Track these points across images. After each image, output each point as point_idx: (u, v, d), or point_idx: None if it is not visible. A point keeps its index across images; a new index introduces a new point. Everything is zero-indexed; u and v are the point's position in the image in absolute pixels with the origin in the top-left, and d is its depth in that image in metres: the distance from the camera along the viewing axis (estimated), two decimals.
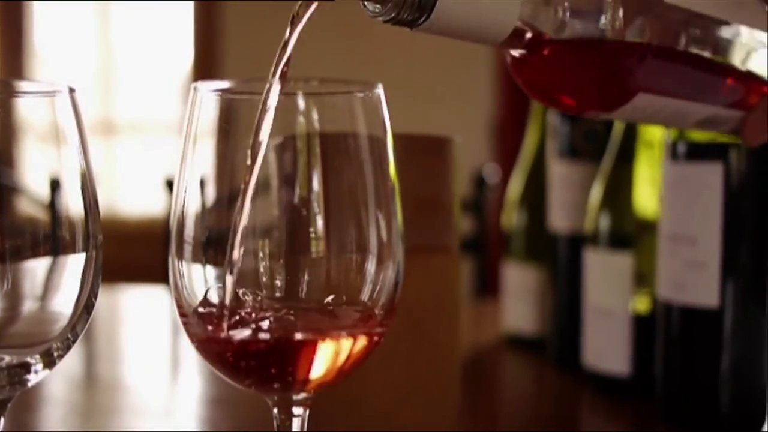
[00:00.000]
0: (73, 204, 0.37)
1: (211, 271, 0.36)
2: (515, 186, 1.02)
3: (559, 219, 0.89)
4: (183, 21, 3.56)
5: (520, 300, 0.98)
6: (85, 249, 0.37)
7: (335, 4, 0.35)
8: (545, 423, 0.75)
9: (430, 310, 0.53)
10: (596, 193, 0.81)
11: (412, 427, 0.53)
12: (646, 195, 0.78)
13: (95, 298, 0.37)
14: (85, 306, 0.37)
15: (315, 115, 0.35)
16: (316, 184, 0.36)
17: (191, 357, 0.99)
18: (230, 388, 0.81)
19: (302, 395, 0.37)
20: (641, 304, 0.77)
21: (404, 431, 0.52)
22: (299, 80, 0.35)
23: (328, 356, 0.35)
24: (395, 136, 0.38)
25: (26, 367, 0.36)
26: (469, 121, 3.07)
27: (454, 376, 0.55)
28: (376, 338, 0.37)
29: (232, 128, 0.36)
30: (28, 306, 0.36)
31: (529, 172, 1.00)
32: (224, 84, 0.37)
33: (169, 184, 1.64)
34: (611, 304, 0.78)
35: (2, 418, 0.37)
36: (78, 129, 0.37)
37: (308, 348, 0.35)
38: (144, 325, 1.17)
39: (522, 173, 1.01)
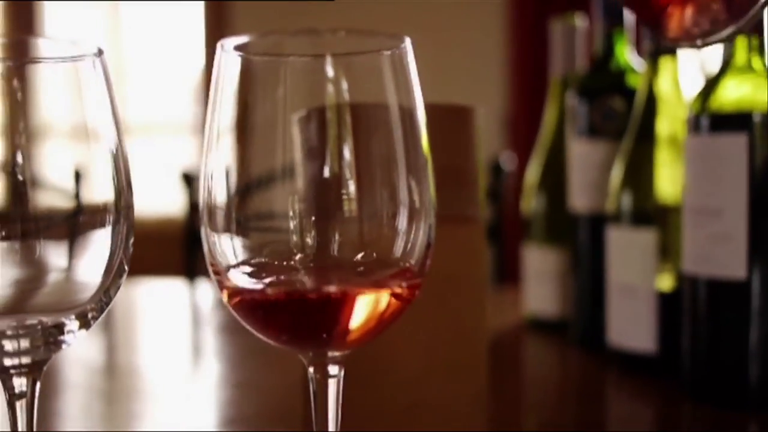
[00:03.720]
0: (104, 168, 0.37)
1: (242, 234, 0.36)
2: (534, 170, 1.02)
3: (579, 199, 0.89)
4: (194, 21, 3.57)
5: (541, 283, 0.98)
6: (117, 213, 0.36)
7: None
8: (571, 402, 0.75)
9: (456, 280, 0.53)
10: (618, 170, 0.80)
11: (438, 398, 0.52)
12: (668, 170, 0.78)
13: (127, 263, 0.37)
14: (117, 270, 0.37)
15: (343, 79, 0.35)
16: (346, 152, 0.35)
17: (211, 344, 0.99)
18: (250, 372, 0.82)
19: (337, 353, 0.37)
20: (665, 281, 0.77)
21: (429, 402, 0.52)
22: (326, 31, 0.35)
23: (362, 311, 0.35)
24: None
25: (61, 328, 0.36)
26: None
27: (481, 348, 0.55)
28: (409, 294, 0.37)
29: (255, 89, 0.36)
30: (63, 269, 0.36)
31: (548, 154, 1.00)
32: (246, 40, 0.36)
33: (186, 178, 1.64)
34: (635, 281, 0.77)
35: (38, 382, 0.37)
36: (108, 94, 0.37)
37: (344, 302, 0.35)
38: (163, 316, 1.18)
39: (540, 157, 1.01)
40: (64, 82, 0.36)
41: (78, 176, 0.36)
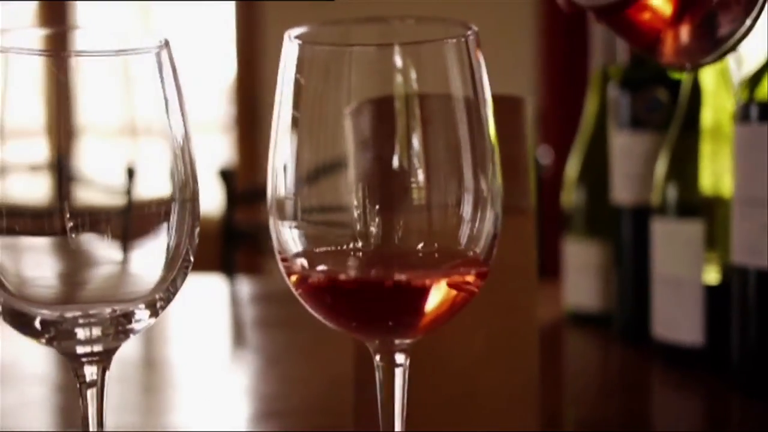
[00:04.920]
0: (170, 159, 0.37)
1: (309, 223, 0.36)
2: (574, 163, 1.01)
3: (622, 192, 0.88)
4: (225, 21, 3.58)
5: (582, 276, 0.97)
6: (183, 204, 0.37)
7: None
8: (616, 395, 0.75)
9: (508, 271, 0.52)
10: (663, 162, 0.80)
11: (491, 388, 0.52)
12: (714, 161, 0.77)
13: (193, 253, 0.38)
14: (184, 259, 0.37)
15: (408, 68, 0.35)
16: (412, 141, 0.35)
17: (249, 339, 1.00)
18: (290, 366, 0.82)
19: (404, 340, 0.37)
20: (711, 273, 0.76)
21: (483, 392, 0.52)
22: (395, 18, 0.35)
23: (430, 299, 0.35)
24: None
25: (130, 317, 0.36)
26: None
27: (533, 338, 0.55)
28: (476, 283, 0.37)
29: (320, 79, 0.36)
30: (131, 260, 0.36)
31: (588, 147, 0.99)
32: (311, 29, 0.37)
33: (223, 175, 1.65)
34: (682, 273, 0.77)
35: (107, 371, 0.37)
36: (176, 85, 0.37)
37: (412, 290, 0.35)
38: (202, 311, 1.18)
39: (580, 150, 1.00)
40: (134, 74, 0.37)
41: (144, 168, 0.37)
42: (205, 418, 0.65)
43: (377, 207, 0.35)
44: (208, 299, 1.28)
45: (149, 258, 0.37)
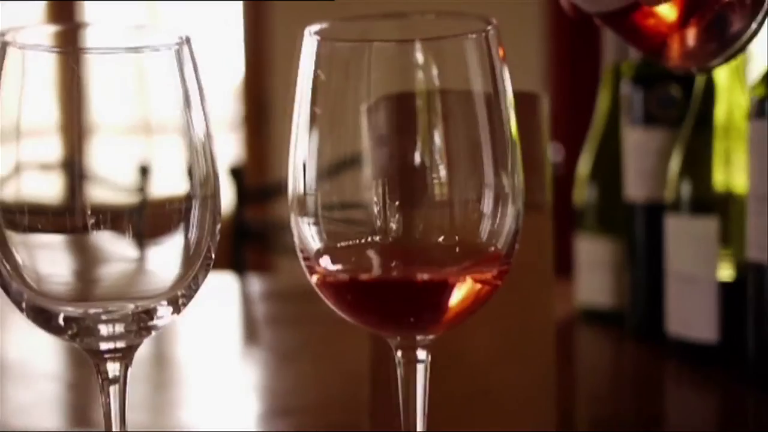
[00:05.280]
0: (191, 156, 0.37)
1: (330, 220, 0.36)
2: (586, 160, 1.01)
3: (635, 188, 0.88)
4: (233, 20, 3.59)
5: (594, 273, 0.97)
6: (204, 200, 0.37)
7: None
8: (630, 393, 0.74)
9: (524, 268, 0.52)
10: (676, 158, 0.80)
11: (508, 386, 0.52)
12: (728, 157, 0.77)
13: (214, 249, 0.38)
14: (205, 256, 0.37)
15: (428, 64, 0.35)
16: (433, 137, 0.35)
17: (261, 336, 1.00)
18: (302, 363, 0.82)
19: (426, 337, 0.37)
20: (726, 269, 0.76)
21: (500, 389, 0.52)
22: (415, 14, 0.35)
23: (452, 296, 0.35)
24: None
25: (153, 313, 0.36)
26: None
27: (549, 335, 0.55)
28: (497, 280, 0.37)
29: (339, 75, 0.36)
30: (152, 256, 0.36)
31: (600, 144, 0.99)
32: (330, 25, 0.37)
33: (234, 172, 1.66)
34: (695, 270, 0.76)
35: (129, 368, 0.37)
36: (197, 81, 0.37)
37: (434, 287, 0.35)
38: (213, 308, 1.19)
39: (592, 146, 1.00)
40: (155, 71, 0.37)
41: (165, 165, 0.37)
42: (217, 415, 0.66)
43: (397, 203, 0.35)
44: (219, 297, 1.28)
45: (171, 255, 0.37)
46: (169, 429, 0.61)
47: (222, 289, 1.35)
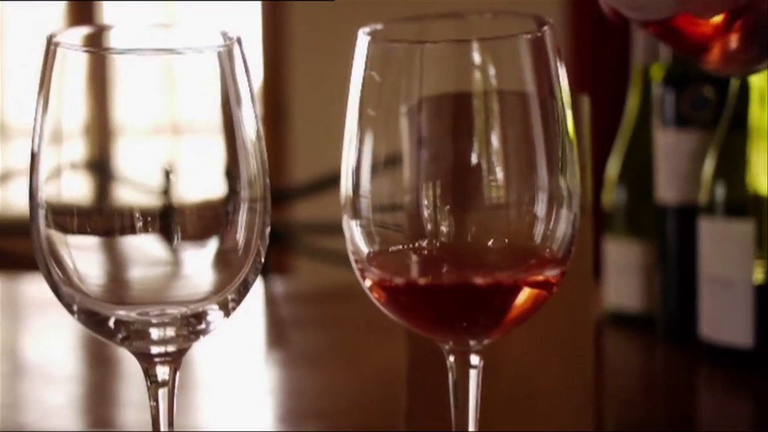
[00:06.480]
0: (240, 158, 0.37)
1: (382, 223, 0.36)
2: (615, 162, 1.00)
3: (667, 191, 0.87)
4: (251, 21, 3.59)
5: (623, 276, 0.96)
6: (253, 203, 0.37)
7: None
8: (661, 396, 0.74)
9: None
10: (711, 161, 0.79)
11: (549, 390, 0.52)
12: (763, 159, 0.76)
13: (263, 251, 0.37)
14: (255, 258, 0.37)
15: (481, 64, 0.35)
16: (490, 138, 0.35)
17: (286, 338, 0.99)
18: (329, 367, 0.82)
19: (480, 342, 0.36)
20: (761, 273, 0.75)
21: (543, 393, 0.51)
22: (473, 14, 0.35)
23: (507, 301, 0.35)
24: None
25: (203, 317, 0.36)
26: None
27: (589, 338, 0.54)
28: (554, 284, 0.36)
29: (391, 76, 0.36)
30: (202, 260, 0.36)
31: (630, 146, 0.98)
32: (386, 26, 0.36)
33: None
34: (730, 273, 0.76)
35: (178, 372, 0.37)
36: (248, 82, 0.37)
37: (490, 291, 0.34)
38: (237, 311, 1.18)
39: (622, 148, 0.99)
40: (205, 71, 0.36)
41: (214, 167, 0.36)
42: (240, 417, 0.65)
43: (448, 206, 0.35)
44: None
45: (221, 257, 0.36)
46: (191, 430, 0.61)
47: None
